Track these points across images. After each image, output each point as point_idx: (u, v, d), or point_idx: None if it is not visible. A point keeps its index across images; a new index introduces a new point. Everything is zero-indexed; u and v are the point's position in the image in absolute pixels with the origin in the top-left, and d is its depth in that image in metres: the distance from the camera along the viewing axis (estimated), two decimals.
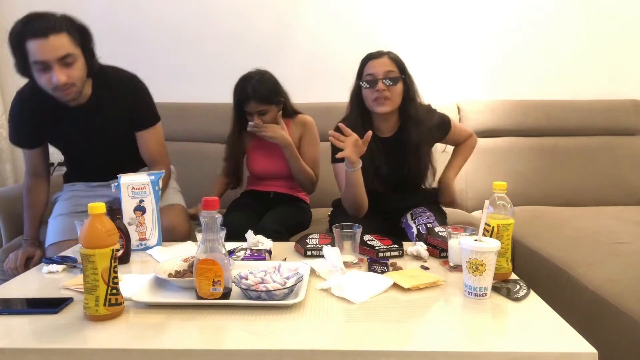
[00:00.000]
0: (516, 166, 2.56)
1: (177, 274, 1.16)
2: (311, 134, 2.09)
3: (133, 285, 1.14)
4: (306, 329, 0.96)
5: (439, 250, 1.39)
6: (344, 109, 1.87)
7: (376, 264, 1.29)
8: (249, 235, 1.45)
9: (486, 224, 1.17)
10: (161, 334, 0.95)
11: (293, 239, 1.76)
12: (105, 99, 1.71)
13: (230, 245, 1.42)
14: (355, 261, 1.32)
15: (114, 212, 1.35)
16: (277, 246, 1.47)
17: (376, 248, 1.38)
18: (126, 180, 1.50)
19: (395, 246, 1.40)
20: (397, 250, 1.40)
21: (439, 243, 1.39)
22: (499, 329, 0.99)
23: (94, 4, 1.69)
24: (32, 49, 1.49)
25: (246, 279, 1.08)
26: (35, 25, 1.49)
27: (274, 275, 1.10)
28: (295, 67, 2.68)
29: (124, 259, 1.38)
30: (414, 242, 1.51)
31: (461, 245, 1.10)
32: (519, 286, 1.14)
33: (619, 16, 2.74)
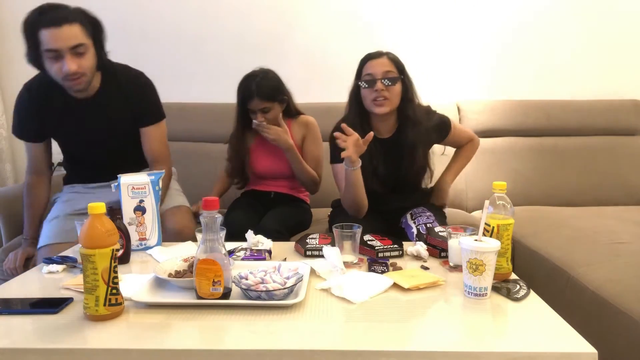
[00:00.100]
0: (516, 166, 2.56)
1: (177, 274, 1.17)
2: (314, 135, 2.10)
3: (133, 285, 1.14)
4: (306, 329, 0.96)
5: (439, 250, 1.39)
6: (344, 109, 1.87)
7: (376, 264, 1.29)
8: (249, 235, 1.45)
9: (486, 224, 1.17)
10: (161, 334, 0.95)
11: (293, 239, 1.76)
12: (113, 93, 1.73)
13: (230, 245, 1.42)
14: (355, 261, 1.32)
15: (114, 212, 1.35)
16: (277, 246, 1.47)
17: (376, 248, 1.38)
18: (126, 180, 1.50)
19: (395, 246, 1.40)
20: (397, 250, 1.40)
21: (439, 243, 1.39)
22: (499, 329, 0.99)
23: (94, 4, 1.69)
24: (46, 37, 1.52)
25: (246, 279, 1.08)
26: (50, 15, 1.53)
27: (274, 275, 1.10)
28: (295, 67, 2.68)
29: (124, 259, 1.38)
30: (414, 242, 1.51)
31: (461, 245, 1.10)
32: (519, 286, 1.14)
33: (619, 16, 2.74)
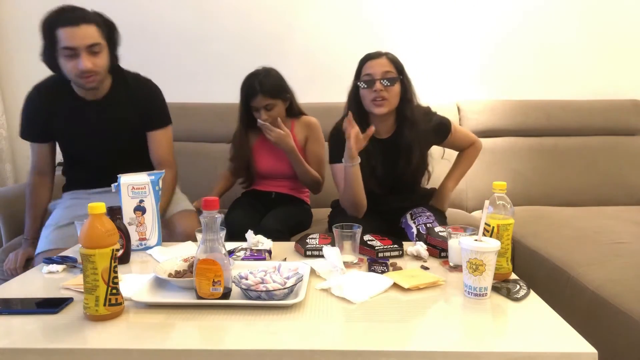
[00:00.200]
0: (516, 166, 2.56)
1: (177, 274, 1.17)
2: (316, 135, 2.11)
3: (133, 285, 1.14)
4: (306, 329, 0.96)
5: (439, 250, 1.39)
6: (343, 109, 1.87)
7: (376, 264, 1.29)
8: (249, 235, 1.45)
9: (486, 224, 1.17)
10: (161, 334, 0.95)
11: (293, 239, 1.76)
12: (122, 96, 1.77)
13: (230, 245, 1.42)
14: (355, 261, 1.32)
15: (114, 212, 1.35)
16: (277, 246, 1.47)
17: (376, 248, 1.38)
18: (126, 180, 1.50)
19: (395, 246, 1.40)
20: (397, 250, 1.40)
21: (439, 243, 1.39)
22: (499, 329, 0.99)
23: (94, 4, 1.69)
24: (63, 35, 1.57)
25: (246, 279, 1.08)
26: (68, 14, 1.59)
27: (274, 275, 1.10)
28: (295, 67, 2.66)
29: (124, 259, 1.38)
30: (414, 242, 1.51)
31: (461, 245, 1.10)
32: (519, 286, 1.14)
33: (619, 16, 2.74)
